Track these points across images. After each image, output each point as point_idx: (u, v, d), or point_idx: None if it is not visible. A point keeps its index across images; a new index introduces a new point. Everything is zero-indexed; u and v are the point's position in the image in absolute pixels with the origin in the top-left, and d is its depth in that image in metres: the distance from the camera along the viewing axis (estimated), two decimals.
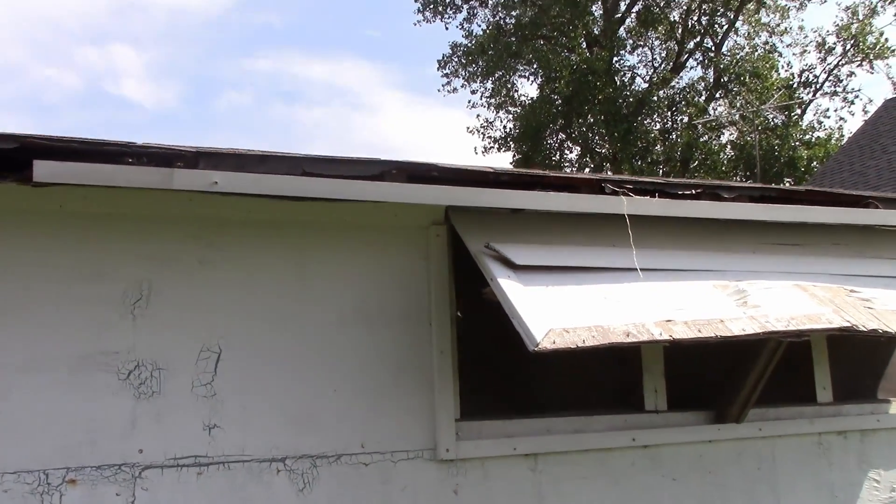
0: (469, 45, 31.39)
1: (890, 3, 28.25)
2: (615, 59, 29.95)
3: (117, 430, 3.44)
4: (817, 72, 30.35)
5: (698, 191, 4.11)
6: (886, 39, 29.06)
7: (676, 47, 30.65)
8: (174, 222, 3.63)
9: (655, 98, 29.92)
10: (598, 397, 4.46)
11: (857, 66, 30.12)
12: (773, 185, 4.34)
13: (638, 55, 33.83)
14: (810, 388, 4.93)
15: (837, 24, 30.09)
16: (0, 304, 3.38)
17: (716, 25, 30.08)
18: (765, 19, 30.28)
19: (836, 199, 4.47)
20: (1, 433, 3.31)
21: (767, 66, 29.03)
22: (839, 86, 30.33)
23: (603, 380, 4.52)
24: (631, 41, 31.19)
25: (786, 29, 30.94)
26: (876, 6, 28.59)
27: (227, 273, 3.70)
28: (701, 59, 30.55)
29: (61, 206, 3.48)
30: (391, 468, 3.86)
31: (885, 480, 4.94)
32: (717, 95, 30.17)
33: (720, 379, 4.73)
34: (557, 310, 3.59)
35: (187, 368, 3.57)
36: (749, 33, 30.41)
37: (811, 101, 30.10)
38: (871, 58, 29.23)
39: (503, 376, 4.33)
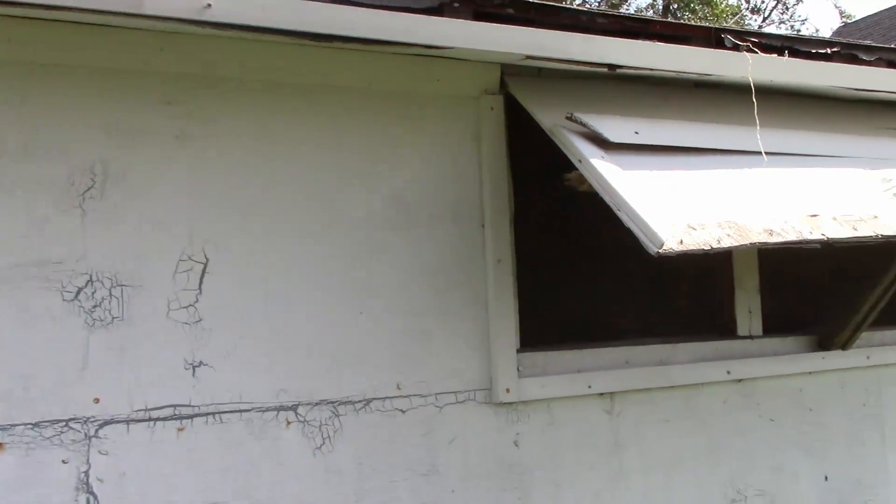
0: None
1: None
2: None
3: (62, 372, 2.41)
4: None
5: (834, 49, 3.14)
6: None
7: None
8: (141, 81, 2.54)
9: None
10: (682, 322, 3.54)
11: None
12: None
13: None
14: None
15: None
16: None
17: None
18: None
19: None
20: None
21: None
22: (787, 13, 29.40)
23: (684, 300, 3.60)
24: None
25: None
26: None
27: (215, 154, 2.63)
28: None
29: None
30: (435, 415, 2.90)
31: None
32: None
33: (818, 297, 3.86)
34: (674, 201, 2.63)
35: (161, 285, 2.53)
36: None
37: (760, 28, 29.24)
38: None
39: (562, 300, 3.38)
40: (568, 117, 2.79)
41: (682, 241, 2.40)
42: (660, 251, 2.34)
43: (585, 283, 3.34)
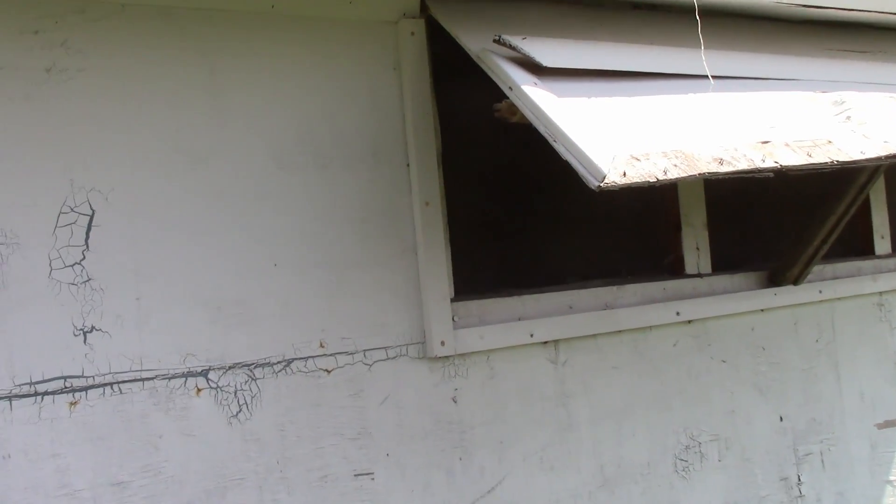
0: None
1: None
2: None
3: None
4: None
5: None
6: None
7: None
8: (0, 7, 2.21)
9: None
10: (627, 262, 3.33)
11: None
12: None
13: None
14: (865, 240, 3.94)
15: None
16: None
17: None
18: None
19: None
20: None
21: None
22: None
23: (628, 238, 3.38)
24: None
25: None
26: None
27: (96, 88, 2.31)
28: None
29: None
30: (364, 374, 2.65)
31: None
32: None
33: (768, 230, 3.68)
34: (615, 130, 2.39)
35: (39, 240, 2.22)
36: None
37: None
38: None
39: (498, 241, 3.14)
40: (496, 40, 2.51)
41: (624, 174, 2.16)
42: (601, 185, 2.10)
43: (523, 223, 3.10)
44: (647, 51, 2.77)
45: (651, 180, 2.20)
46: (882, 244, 3.93)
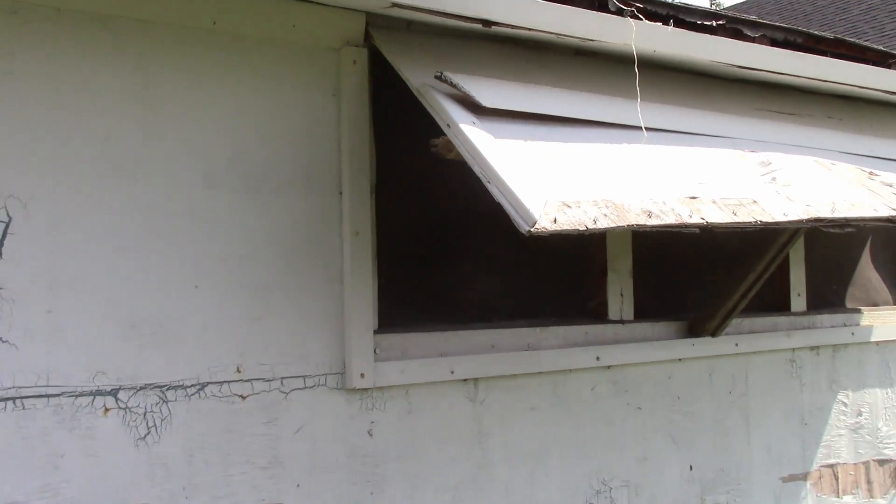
0: None
1: None
2: None
3: None
4: None
5: (719, 22, 2.98)
6: None
7: None
8: None
9: None
10: (551, 304, 3.35)
11: None
12: (798, 28, 3.31)
13: None
14: (782, 296, 4.04)
15: None
16: None
17: None
18: None
19: (862, 54, 3.48)
20: None
21: None
22: None
23: (554, 280, 3.41)
24: None
25: None
26: None
27: (24, 92, 2.23)
28: None
29: None
30: (280, 401, 2.60)
31: (853, 403, 4.19)
32: None
33: (692, 281, 3.75)
34: (549, 175, 2.41)
35: None
36: None
37: None
38: None
39: (426, 275, 3.13)
40: (438, 76, 2.52)
41: (555, 220, 2.18)
42: (531, 230, 2.12)
43: (453, 258, 3.09)
44: (586, 98, 2.81)
45: (580, 228, 2.22)
46: (798, 301, 4.04)
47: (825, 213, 2.78)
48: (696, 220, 2.46)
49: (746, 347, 3.73)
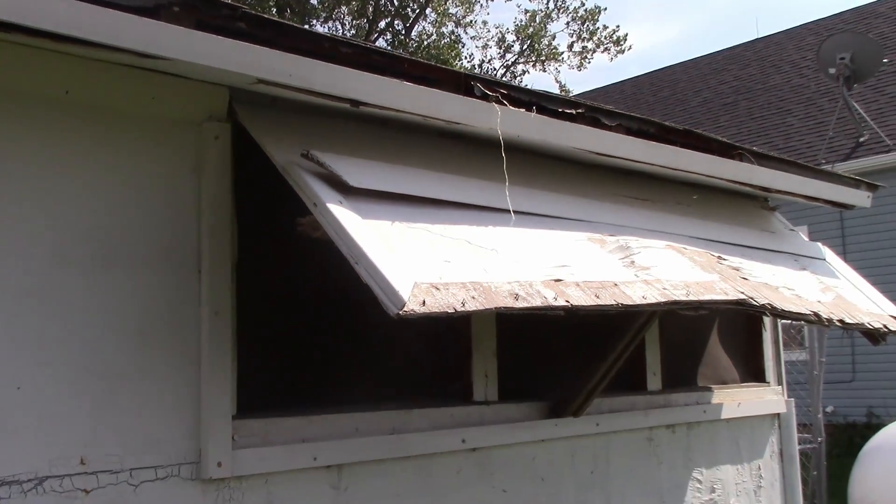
0: None
1: (562, 13, 29.36)
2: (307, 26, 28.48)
3: None
4: (496, 65, 31.05)
5: (579, 110, 3.08)
6: (558, 45, 30.26)
7: (367, 25, 29.70)
8: None
9: None
10: (415, 382, 3.30)
11: (532, 66, 31.03)
12: (651, 119, 3.46)
13: (329, 28, 32.20)
14: (639, 376, 4.14)
15: (517, 25, 30.88)
16: None
17: (407, 9, 29.61)
18: (452, 10, 30.34)
19: (708, 145, 3.67)
20: None
21: (452, 54, 29.37)
22: (515, 80, 31.33)
23: (420, 361, 3.37)
24: (325, 13, 29.57)
25: (471, 22, 31.40)
26: (551, 13, 29.52)
27: None
28: (391, 40, 29.88)
29: None
30: (128, 495, 2.41)
31: (707, 480, 4.30)
32: None
33: (550, 362, 3.79)
34: (418, 257, 2.39)
35: None
36: (437, 21, 30.32)
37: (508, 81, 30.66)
38: (543, 59, 30.35)
39: (290, 356, 3.02)
40: (304, 155, 2.48)
41: (424, 303, 2.16)
42: (400, 312, 2.08)
43: (318, 339, 3.00)
44: (452, 180, 2.83)
45: (449, 311, 2.20)
46: (654, 380, 4.15)
47: (681, 296, 2.89)
48: (560, 302, 2.49)
49: (607, 427, 3.78)
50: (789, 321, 5.60)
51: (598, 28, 29.40)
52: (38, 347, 2.28)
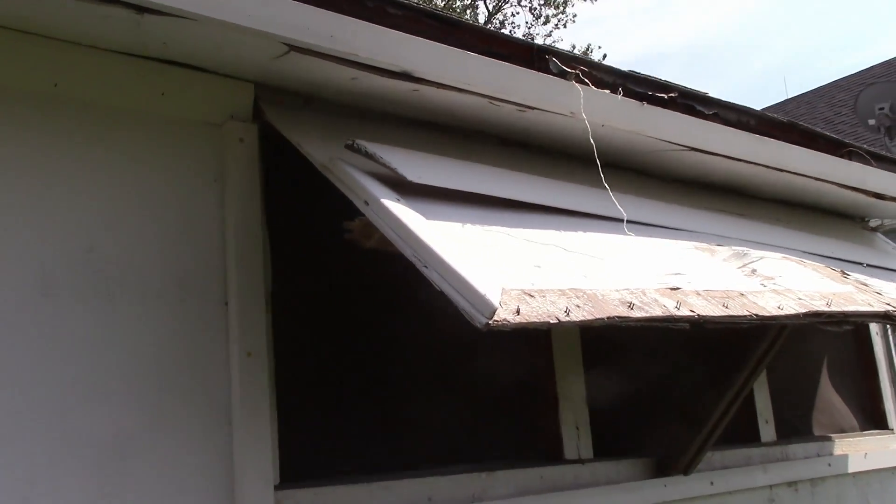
0: None
1: None
2: None
3: None
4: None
5: (671, 94, 2.57)
6: None
7: None
8: None
9: None
10: (494, 440, 2.72)
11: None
12: (750, 108, 2.94)
13: None
14: (749, 425, 3.52)
15: None
16: None
17: None
18: None
19: (814, 141, 3.12)
20: None
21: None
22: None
23: (495, 411, 2.80)
24: None
25: None
26: None
27: None
28: None
29: None
30: None
31: None
32: None
33: (645, 406, 3.20)
34: (498, 262, 1.87)
35: None
36: None
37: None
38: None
39: (337, 399, 2.47)
40: (349, 146, 1.99)
41: (518, 311, 1.62)
42: (490, 322, 1.54)
43: (372, 385, 2.46)
44: (526, 180, 2.32)
45: (551, 321, 1.66)
46: (766, 429, 3.52)
47: (821, 307, 2.32)
48: (684, 312, 1.93)
49: (723, 486, 3.15)
50: None
51: None
52: (9, 404, 1.77)
